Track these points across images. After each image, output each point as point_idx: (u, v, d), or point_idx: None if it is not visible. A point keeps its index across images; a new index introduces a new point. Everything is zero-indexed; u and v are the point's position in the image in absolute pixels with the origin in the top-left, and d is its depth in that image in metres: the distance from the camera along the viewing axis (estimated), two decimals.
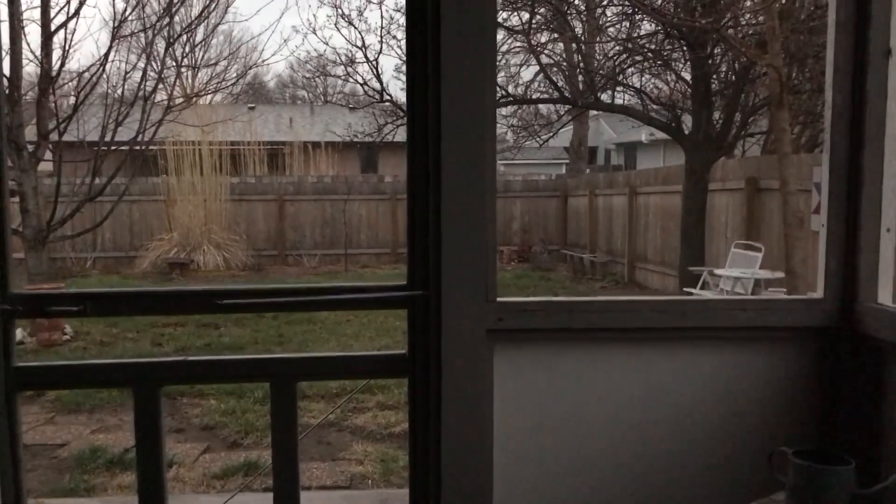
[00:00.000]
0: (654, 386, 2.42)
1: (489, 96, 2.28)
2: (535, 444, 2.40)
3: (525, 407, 2.39)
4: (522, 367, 2.37)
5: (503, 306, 2.32)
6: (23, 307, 2.34)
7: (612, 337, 2.39)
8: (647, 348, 2.41)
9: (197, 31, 13.30)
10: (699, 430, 2.44)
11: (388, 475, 5.12)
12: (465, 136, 2.25)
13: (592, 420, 2.42)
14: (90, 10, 33.97)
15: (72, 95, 12.01)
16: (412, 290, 2.37)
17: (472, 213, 2.27)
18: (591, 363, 2.40)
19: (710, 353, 2.43)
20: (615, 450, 2.43)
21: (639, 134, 25.72)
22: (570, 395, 2.40)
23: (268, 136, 23.93)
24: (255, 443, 5.84)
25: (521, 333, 2.35)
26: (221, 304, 2.33)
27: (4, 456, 2.34)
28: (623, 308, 2.38)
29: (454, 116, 2.24)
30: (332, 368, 2.54)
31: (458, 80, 2.24)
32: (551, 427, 2.41)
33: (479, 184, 2.27)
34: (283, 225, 18.45)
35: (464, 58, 2.24)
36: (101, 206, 12.51)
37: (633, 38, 11.86)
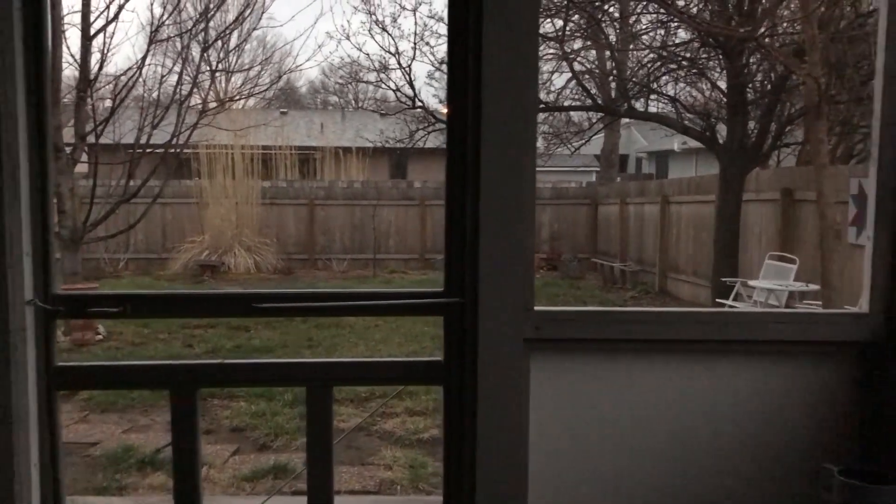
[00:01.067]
0: (691, 398, 2.39)
1: (530, 102, 2.27)
2: (571, 454, 2.38)
3: (561, 417, 2.37)
4: (559, 376, 2.35)
5: (541, 315, 2.30)
6: (64, 307, 2.37)
7: (651, 348, 2.37)
8: (685, 360, 2.38)
9: (231, 36, 13.46)
10: (737, 445, 2.40)
11: (416, 481, 5.11)
12: (505, 142, 2.24)
13: (628, 431, 2.39)
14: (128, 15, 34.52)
15: (108, 98, 12.20)
16: (448, 298, 2.37)
17: (510, 221, 2.26)
18: (629, 374, 2.38)
19: (750, 367, 2.39)
20: (651, 462, 2.40)
21: (671, 143, 25.52)
22: (606, 405, 2.38)
23: (299, 141, 24.09)
24: (285, 446, 5.86)
25: (559, 343, 2.33)
26: (258, 307, 2.34)
27: (45, 452, 2.37)
28: (663, 319, 2.35)
29: (494, 122, 2.24)
30: (368, 374, 2.54)
31: (499, 85, 2.23)
32: (587, 437, 2.39)
33: (519, 190, 2.26)
34: (313, 229, 18.56)
35: (505, 64, 2.23)
36: (135, 207, 12.66)
37: (668, 46, 11.77)
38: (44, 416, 2.37)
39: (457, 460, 2.40)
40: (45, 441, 2.38)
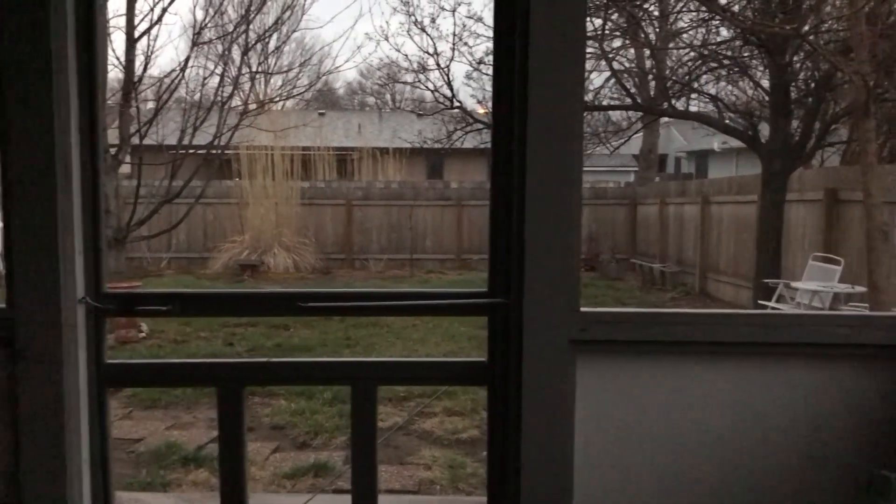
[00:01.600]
0: (741, 402, 2.35)
1: (577, 102, 2.25)
2: (617, 456, 2.36)
3: (607, 419, 2.35)
4: (606, 378, 2.33)
5: (587, 316, 2.28)
6: (114, 306, 2.41)
7: (700, 350, 2.33)
8: (735, 363, 2.34)
9: (271, 38, 13.59)
10: (788, 449, 2.36)
11: (456, 481, 5.10)
12: (552, 141, 2.23)
13: (676, 434, 2.36)
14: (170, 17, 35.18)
15: (150, 101, 12.40)
16: (493, 298, 2.36)
17: (556, 220, 2.25)
18: (677, 377, 2.34)
19: (802, 370, 2.35)
20: (699, 466, 2.37)
21: (711, 142, 25.18)
22: (653, 408, 2.35)
23: (337, 142, 24.27)
24: (325, 444, 5.89)
25: (606, 345, 2.30)
26: (304, 306, 2.35)
27: (95, 447, 2.41)
28: (712, 321, 2.32)
29: (541, 122, 2.22)
30: (412, 373, 2.55)
31: (546, 85, 2.21)
32: (633, 440, 2.36)
33: (565, 190, 2.24)
34: (350, 229, 18.67)
35: (552, 62, 2.21)
36: (177, 207, 12.87)
37: (710, 45, 11.61)
38: (94, 412, 2.41)
39: (501, 461, 2.38)
40: (95, 437, 2.42)
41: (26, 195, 2.25)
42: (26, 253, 2.27)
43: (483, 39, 20.37)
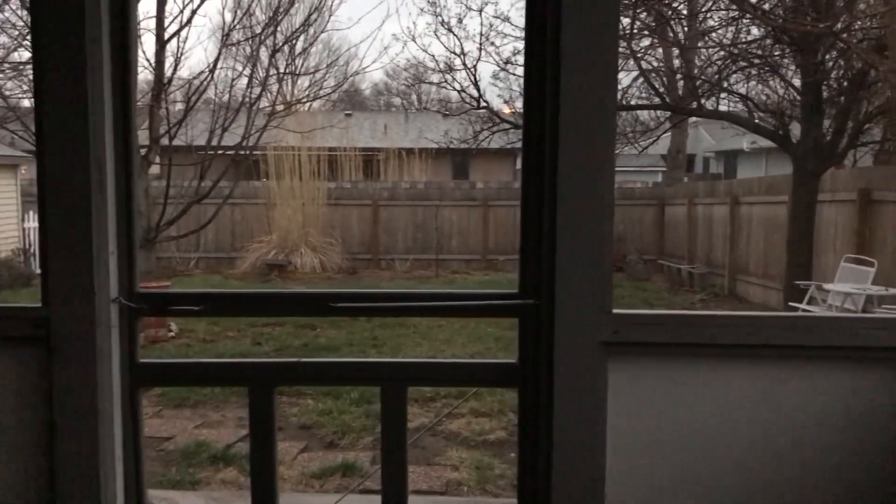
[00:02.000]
0: (775, 406, 2.31)
1: (609, 101, 2.22)
2: (649, 458, 2.33)
3: (640, 421, 2.32)
4: (638, 380, 2.30)
5: (619, 318, 2.26)
6: (147, 305, 2.43)
7: (734, 353, 2.30)
8: (770, 366, 2.30)
9: (298, 39, 13.67)
10: (823, 455, 2.31)
11: (483, 483, 5.09)
12: (584, 142, 2.21)
13: (709, 438, 2.33)
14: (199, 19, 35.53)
15: (178, 102, 12.52)
16: (524, 299, 2.34)
17: (588, 221, 2.22)
18: (711, 379, 2.31)
19: (836, 373, 2.30)
20: (732, 470, 2.33)
21: (740, 142, 24.88)
22: (686, 411, 2.32)
23: (363, 143, 24.37)
24: (352, 444, 5.91)
25: (638, 347, 2.28)
26: (336, 306, 2.35)
27: (128, 446, 2.43)
28: (746, 323, 2.28)
29: (572, 123, 2.20)
30: (443, 375, 2.54)
31: (578, 85, 2.19)
32: (666, 442, 2.33)
33: (597, 190, 2.22)
34: (376, 229, 18.72)
35: (584, 61, 2.19)
36: (205, 208, 12.98)
37: (740, 43, 11.48)
38: (127, 411, 2.43)
39: (531, 463, 2.37)
40: (127, 435, 2.44)
41: (61, 196, 2.28)
42: (61, 253, 2.30)
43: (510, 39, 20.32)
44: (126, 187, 2.37)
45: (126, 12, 2.35)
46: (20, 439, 2.38)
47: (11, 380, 2.38)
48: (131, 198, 2.38)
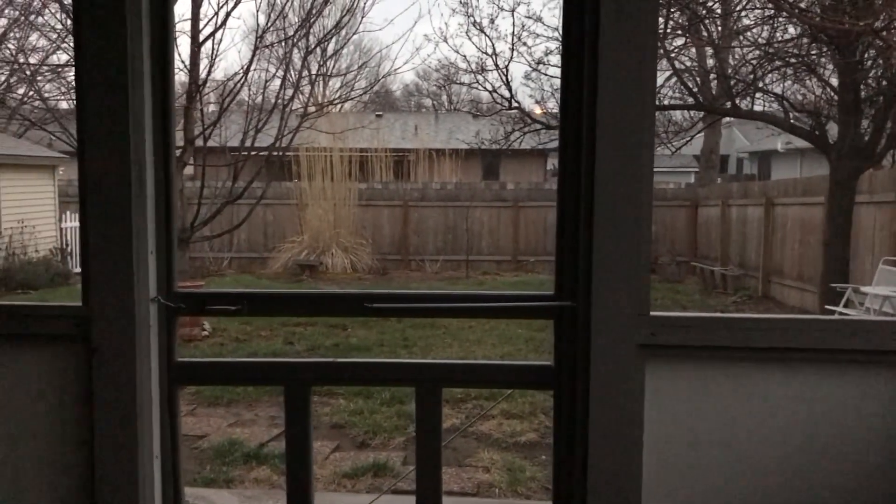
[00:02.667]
0: (817, 412, 2.27)
1: (648, 100, 2.20)
2: (686, 463, 2.30)
3: (677, 426, 2.29)
4: (676, 384, 2.27)
5: (656, 321, 2.23)
6: (185, 305, 2.45)
7: (774, 357, 2.26)
8: (811, 370, 2.26)
9: (330, 41, 13.74)
10: (868, 464, 2.27)
11: (515, 485, 5.07)
12: (622, 142, 2.19)
13: (748, 443, 2.29)
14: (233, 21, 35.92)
15: (212, 104, 12.65)
16: (560, 301, 2.32)
17: (626, 222, 2.20)
18: (750, 384, 2.28)
19: (880, 379, 2.26)
20: (771, 477, 2.29)
21: (774, 142, 24.55)
22: (724, 416, 2.29)
23: (394, 143, 24.43)
24: (383, 444, 5.93)
25: (676, 350, 2.25)
26: (372, 307, 2.35)
27: (166, 444, 2.45)
28: (786, 326, 2.24)
29: (610, 123, 2.18)
30: (477, 376, 2.53)
31: (616, 83, 2.17)
32: (703, 447, 2.30)
33: (635, 191, 2.20)
34: (406, 230, 18.76)
35: (622, 62, 2.17)
36: (238, 208, 13.10)
37: (775, 43, 11.32)
38: (164, 409, 2.45)
39: (567, 466, 2.35)
40: (165, 433, 2.46)
41: (102, 196, 2.31)
42: (101, 252, 2.33)
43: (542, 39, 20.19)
44: (165, 188, 2.40)
45: (165, 15, 2.37)
46: (60, 436, 2.42)
47: (52, 377, 2.41)
48: (170, 198, 2.40)
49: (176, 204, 2.45)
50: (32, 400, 2.42)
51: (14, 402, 2.43)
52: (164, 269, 2.42)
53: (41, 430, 2.42)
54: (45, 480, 2.44)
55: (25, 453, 2.44)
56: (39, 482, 2.44)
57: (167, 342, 2.44)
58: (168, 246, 2.42)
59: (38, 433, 2.43)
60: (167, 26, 2.38)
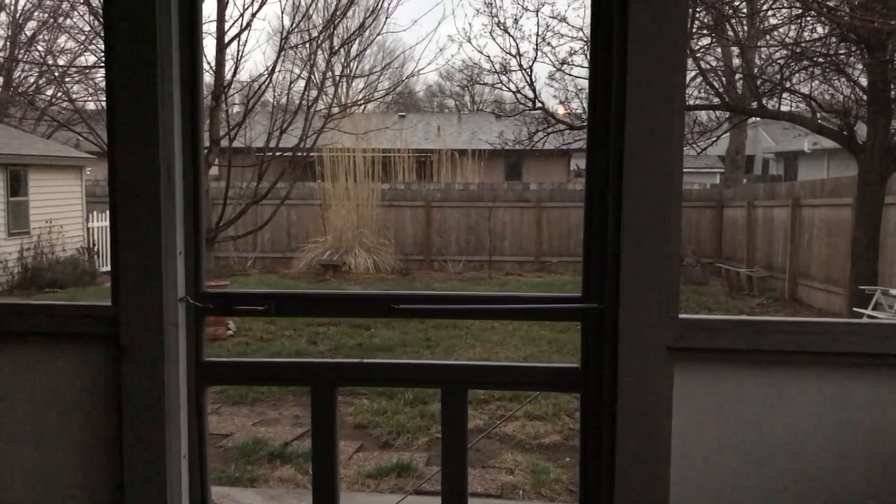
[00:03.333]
0: (849, 418, 2.23)
1: (677, 100, 2.18)
2: (714, 468, 2.28)
3: (704, 429, 2.27)
4: (705, 388, 2.25)
5: (685, 323, 2.21)
6: (213, 305, 2.47)
7: (805, 360, 2.23)
8: (843, 375, 2.23)
9: (354, 42, 13.78)
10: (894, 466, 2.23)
11: (539, 486, 5.05)
12: (651, 142, 2.17)
13: (778, 449, 2.26)
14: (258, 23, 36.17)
15: (236, 105, 12.73)
16: (588, 303, 2.31)
17: (654, 224, 2.18)
18: (780, 388, 2.25)
19: None
20: (801, 483, 2.26)
21: (801, 143, 24.27)
22: (754, 420, 2.26)
23: (416, 144, 24.44)
24: (406, 444, 5.93)
25: (705, 353, 2.23)
26: (398, 308, 2.35)
27: (193, 443, 2.47)
28: (818, 330, 2.21)
29: (639, 122, 2.16)
30: (504, 378, 2.52)
31: (645, 83, 2.15)
32: (732, 452, 2.27)
33: (664, 193, 2.18)
34: (429, 230, 18.77)
35: (651, 61, 2.15)
36: (262, 208, 13.17)
37: (803, 42, 11.19)
38: (192, 408, 2.47)
39: (594, 469, 2.33)
40: (192, 432, 2.48)
41: (131, 198, 2.33)
42: (131, 253, 2.35)
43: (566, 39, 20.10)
44: (193, 189, 2.41)
45: (193, 17, 2.39)
46: (89, 434, 2.44)
47: (81, 376, 2.44)
48: (198, 199, 2.42)
49: (204, 204, 2.47)
50: (62, 398, 2.45)
51: (44, 400, 2.46)
52: (193, 270, 2.44)
53: (70, 427, 2.45)
54: (74, 477, 2.46)
55: (55, 450, 2.46)
56: (69, 479, 2.47)
57: (195, 342, 2.45)
58: (196, 246, 2.44)
59: (68, 431, 2.45)
60: (196, 28, 2.40)
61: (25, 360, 2.47)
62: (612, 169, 2.21)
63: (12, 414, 2.46)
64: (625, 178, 2.18)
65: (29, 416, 2.46)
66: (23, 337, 2.47)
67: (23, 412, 2.46)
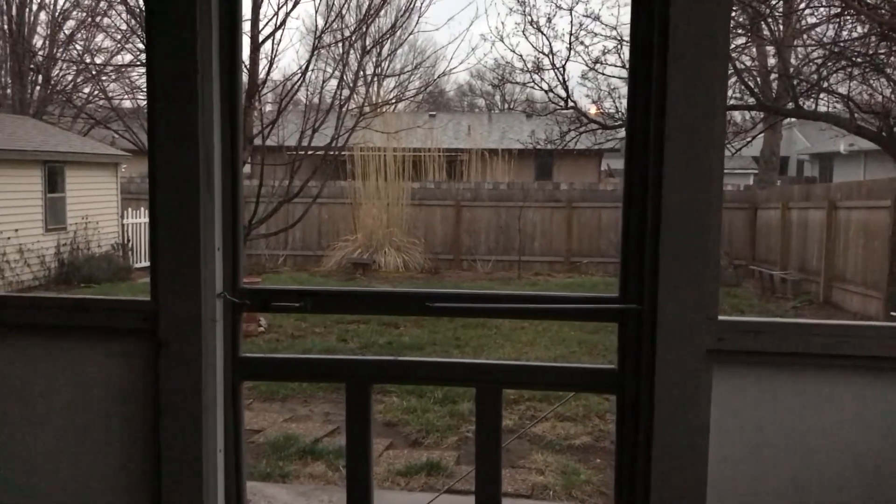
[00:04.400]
0: (888, 421, 2.19)
1: (719, 99, 2.15)
2: (752, 470, 2.24)
3: (743, 432, 2.24)
4: (743, 391, 2.22)
5: (725, 325, 2.18)
6: (250, 301, 2.48)
7: (848, 364, 2.19)
8: (888, 380, 2.18)
9: (386, 41, 13.81)
10: None
11: (569, 488, 5.03)
12: (691, 141, 2.14)
13: (819, 454, 2.22)
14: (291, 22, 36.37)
15: (269, 103, 12.80)
16: (625, 304, 2.29)
17: (694, 224, 2.16)
18: (821, 392, 2.21)
19: None
20: (844, 491, 2.22)
21: (837, 144, 23.91)
22: (795, 424, 2.22)
23: (447, 143, 24.45)
24: (436, 443, 5.93)
25: (745, 356, 2.20)
26: (432, 306, 2.35)
27: (229, 438, 2.49)
28: (862, 333, 2.17)
29: (680, 121, 2.14)
30: (539, 378, 2.50)
31: (687, 82, 2.13)
32: (771, 457, 2.24)
33: (704, 192, 2.15)
34: (459, 230, 18.76)
35: (693, 60, 2.12)
36: (294, 206, 13.23)
37: (841, 41, 11.01)
38: (228, 403, 2.49)
39: (629, 473, 2.31)
40: (228, 428, 2.50)
41: (171, 194, 2.35)
42: (170, 248, 2.37)
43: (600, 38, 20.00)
44: (232, 185, 2.43)
45: (232, 15, 2.41)
46: (126, 428, 2.47)
47: (120, 370, 2.47)
48: (237, 196, 2.44)
49: (242, 201, 2.49)
50: (101, 391, 2.48)
51: (83, 393, 2.49)
52: (231, 266, 2.45)
53: (109, 420, 2.48)
54: (110, 470, 2.49)
55: (93, 443, 2.50)
56: (105, 472, 2.50)
57: (232, 337, 2.47)
58: (234, 243, 2.46)
59: (107, 423, 2.48)
60: (235, 26, 2.42)
61: (65, 354, 2.50)
62: (652, 169, 2.19)
63: (53, 405, 2.50)
64: (664, 178, 2.16)
65: (69, 409, 2.50)
66: (62, 331, 2.50)
67: (63, 404, 2.50)
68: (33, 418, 2.52)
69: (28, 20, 21.77)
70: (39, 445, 2.52)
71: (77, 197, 16.16)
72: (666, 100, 2.14)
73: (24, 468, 2.53)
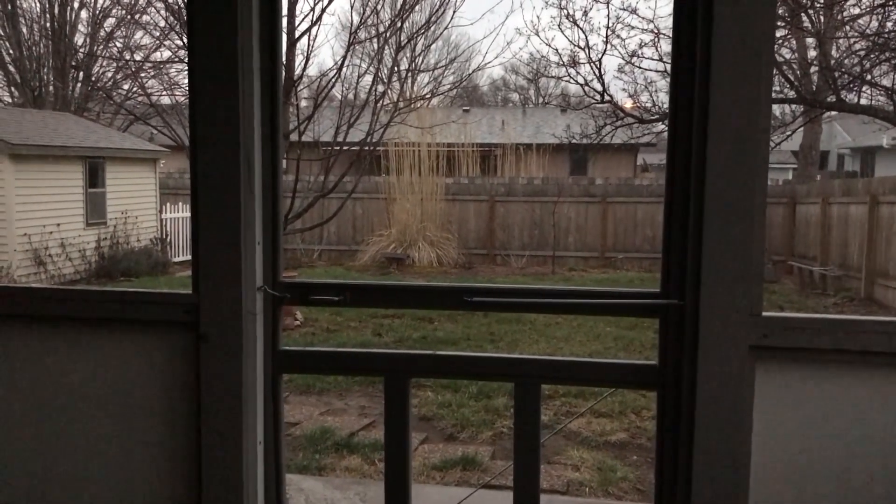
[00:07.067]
0: None
1: (764, 93, 2.11)
2: (795, 469, 2.21)
3: (787, 430, 2.20)
4: (788, 388, 2.18)
5: (769, 321, 2.15)
6: (290, 294, 2.51)
7: (893, 362, 2.14)
8: None
9: (420, 37, 13.81)
10: None
11: (605, 484, 4.99)
12: (736, 136, 2.11)
13: (865, 454, 2.18)
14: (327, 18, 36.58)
15: (304, 99, 12.88)
16: (667, 299, 2.26)
17: (738, 218, 2.12)
18: (869, 390, 2.17)
19: None
20: (887, 492, 2.17)
21: (879, 138, 23.40)
22: (840, 422, 2.18)
23: (480, 138, 24.38)
24: (471, 438, 5.94)
25: (789, 352, 2.16)
26: (471, 301, 2.35)
27: (269, 430, 2.51)
28: None
29: (724, 116, 2.10)
30: (578, 374, 2.49)
31: (731, 76, 2.09)
32: (815, 455, 2.20)
33: (748, 186, 2.12)
34: (492, 225, 18.73)
35: (737, 52, 2.09)
36: (329, 201, 13.32)
37: (885, 33, 10.76)
38: (268, 396, 2.52)
39: (671, 468, 2.29)
40: (268, 420, 2.52)
41: (213, 189, 2.38)
42: (211, 242, 2.40)
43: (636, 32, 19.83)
44: (272, 180, 2.45)
45: (272, 11, 2.42)
46: (168, 419, 2.50)
47: (161, 362, 2.51)
48: (277, 191, 2.46)
49: (281, 196, 2.51)
50: (142, 383, 2.52)
51: (125, 385, 2.53)
52: (270, 260, 2.48)
53: (150, 412, 2.52)
54: (153, 461, 2.53)
55: (135, 434, 2.54)
56: (148, 463, 2.54)
57: (272, 330, 2.50)
58: (274, 237, 2.48)
59: (148, 415, 2.52)
60: (275, 23, 2.43)
61: (108, 346, 2.54)
62: (695, 163, 2.16)
63: (96, 394, 2.54)
64: (708, 172, 2.13)
65: (112, 398, 2.54)
66: (105, 323, 2.55)
67: (105, 395, 2.54)
68: (76, 408, 2.56)
69: (70, 19, 22.18)
70: (83, 435, 2.57)
71: (117, 192, 16.43)
72: (709, 94, 2.11)
73: (70, 457, 2.58)
